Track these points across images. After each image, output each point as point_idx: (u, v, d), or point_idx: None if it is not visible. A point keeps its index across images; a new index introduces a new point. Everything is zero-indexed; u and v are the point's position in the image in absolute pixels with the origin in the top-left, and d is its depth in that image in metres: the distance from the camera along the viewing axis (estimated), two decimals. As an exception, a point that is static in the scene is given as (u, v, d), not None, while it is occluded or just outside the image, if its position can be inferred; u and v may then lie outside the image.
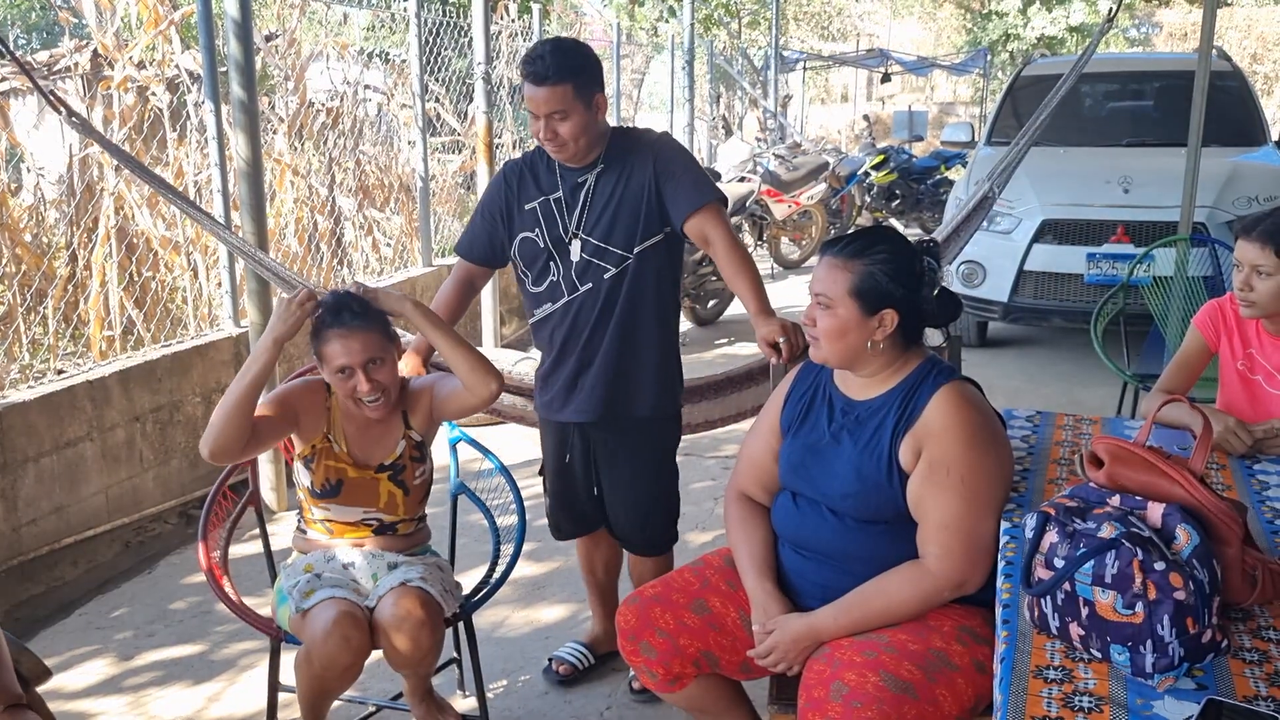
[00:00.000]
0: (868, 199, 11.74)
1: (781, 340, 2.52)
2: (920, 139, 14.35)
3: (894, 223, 11.85)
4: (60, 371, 4.03)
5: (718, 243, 2.65)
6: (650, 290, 2.73)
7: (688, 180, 2.66)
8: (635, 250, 2.68)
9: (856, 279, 2.00)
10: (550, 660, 3.04)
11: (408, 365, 2.63)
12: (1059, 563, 1.55)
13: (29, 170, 5.12)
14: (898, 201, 11.63)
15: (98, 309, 4.53)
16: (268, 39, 5.96)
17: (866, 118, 15.46)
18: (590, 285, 2.69)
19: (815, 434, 2.12)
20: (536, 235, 2.71)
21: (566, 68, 2.52)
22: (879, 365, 2.06)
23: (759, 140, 11.44)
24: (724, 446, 4.70)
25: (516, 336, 7.20)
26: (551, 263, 2.72)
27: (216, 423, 2.31)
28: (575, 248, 2.69)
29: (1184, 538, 1.50)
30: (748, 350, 6.44)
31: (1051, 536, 1.58)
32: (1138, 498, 1.62)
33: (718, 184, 3.08)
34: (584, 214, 2.68)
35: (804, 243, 9.93)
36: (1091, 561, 1.49)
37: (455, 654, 2.87)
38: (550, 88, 2.51)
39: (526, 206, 2.72)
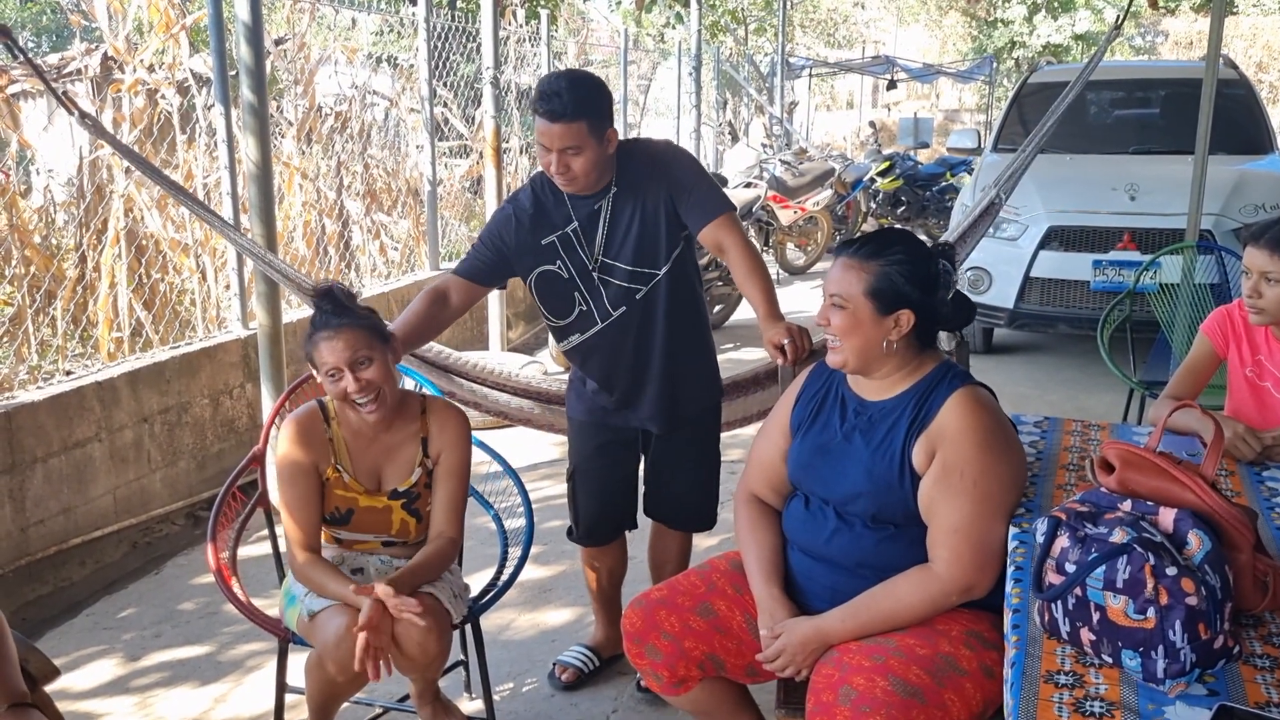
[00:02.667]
0: (873, 205, 11.74)
1: (786, 342, 2.52)
2: (926, 146, 14.35)
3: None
4: (69, 373, 4.04)
5: (733, 249, 2.65)
6: (684, 296, 2.75)
7: (701, 192, 2.67)
8: (663, 267, 2.68)
9: (873, 279, 2.00)
10: (554, 665, 3.04)
11: None
12: (1070, 567, 1.55)
13: (39, 172, 5.14)
14: (903, 208, 11.63)
15: (106, 310, 4.54)
16: (277, 43, 5.98)
17: (872, 124, 15.47)
18: (624, 309, 2.69)
19: (826, 434, 2.13)
20: (559, 268, 2.68)
21: (583, 104, 2.49)
22: (893, 366, 2.06)
23: (765, 146, 11.44)
24: (730, 451, 4.67)
25: (523, 340, 7.22)
26: (577, 293, 2.70)
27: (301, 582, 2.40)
28: (600, 273, 2.68)
29: (1196, 543, 1.50)
30: (754, 355, 6.44)
31: (1063, 541, 1.58)
32: (1149, 503, 1.62)
33: (724, 190, 3.10)
34: (605, 240, 2.66)
35: (809, 248, 9.93)
36: (1103, 566, 1.49)
37: (462, 656, 2.87)
38: (565, 125, 2.48)
39: (544, 241, 2.68)
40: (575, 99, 2.48)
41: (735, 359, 6.50)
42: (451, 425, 2.49)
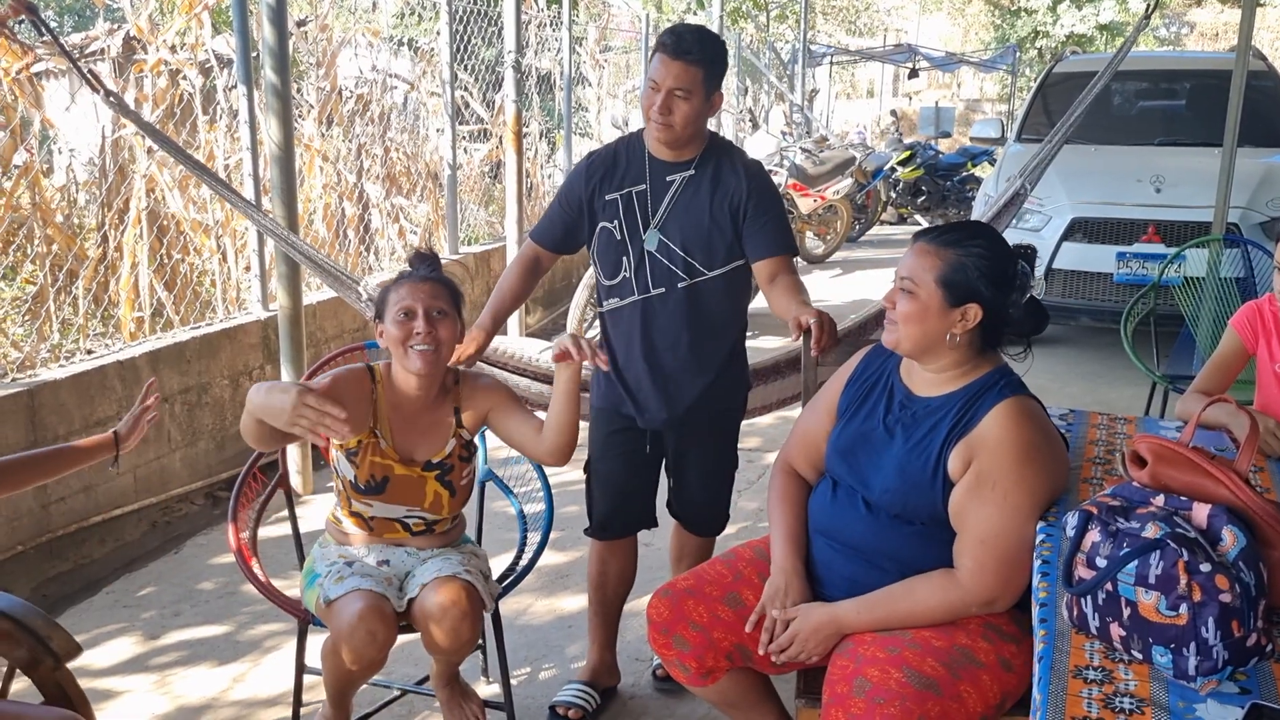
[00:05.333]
0: (893, 195, 11.69)
1: (813, 321, 2.45)
2: (947, 135, 14.27)
3: (919, 219, 11.79)
4: (90, 352, 4.05)
5: (784, 280, 2.63)
6: (725, 307, 2.72)
7: (776, 224, 2.66)
8: (715, 271, 2.66)
9: (947, 267, 1.96)
10: (554, 707, 2.84)
11: (468, 341, 2.60)
12: (1101, 562, 1.53)
13: (60, 151, 5.15)
14: (923, 198, 11.57)
15: (128, 290, 4.56)
16: (299, 24, 5.98)
17: (894, 113, 15.39)
18: (663, 290, 2.66)
19: (870, 422, 2.10)
20: (615, 227, 2.67)
21: (707, 52, 2.54)
22: (949, 362, 2.01)
23: (785, 134, 11.38)
24: (745, 439, 4.66)
25: (540, 326, 7.22)
26: (625, 257, 2.68)
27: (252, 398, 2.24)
28: (650, 243, 2.65)
29: (1230, 539, 1.48)
30: (773, 343, 6.42)
31: (1094, 535, 1.56)
32: (1182, 498, 1.60)
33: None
34: (667, 212, 2.64)
35: (829, 237, 9.88)
36: (1135, 562, 1.47)
37: (479, 641, 2.87)
38: (686, 64, 2.51)
39: (608, 197, 2.68)
40: (701, 43, 2.54)
41: (754, 347, 6.47)
42: (481, 386, 2.50)
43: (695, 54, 2.51)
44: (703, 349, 2.71)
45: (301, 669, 2.54)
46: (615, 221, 2.67)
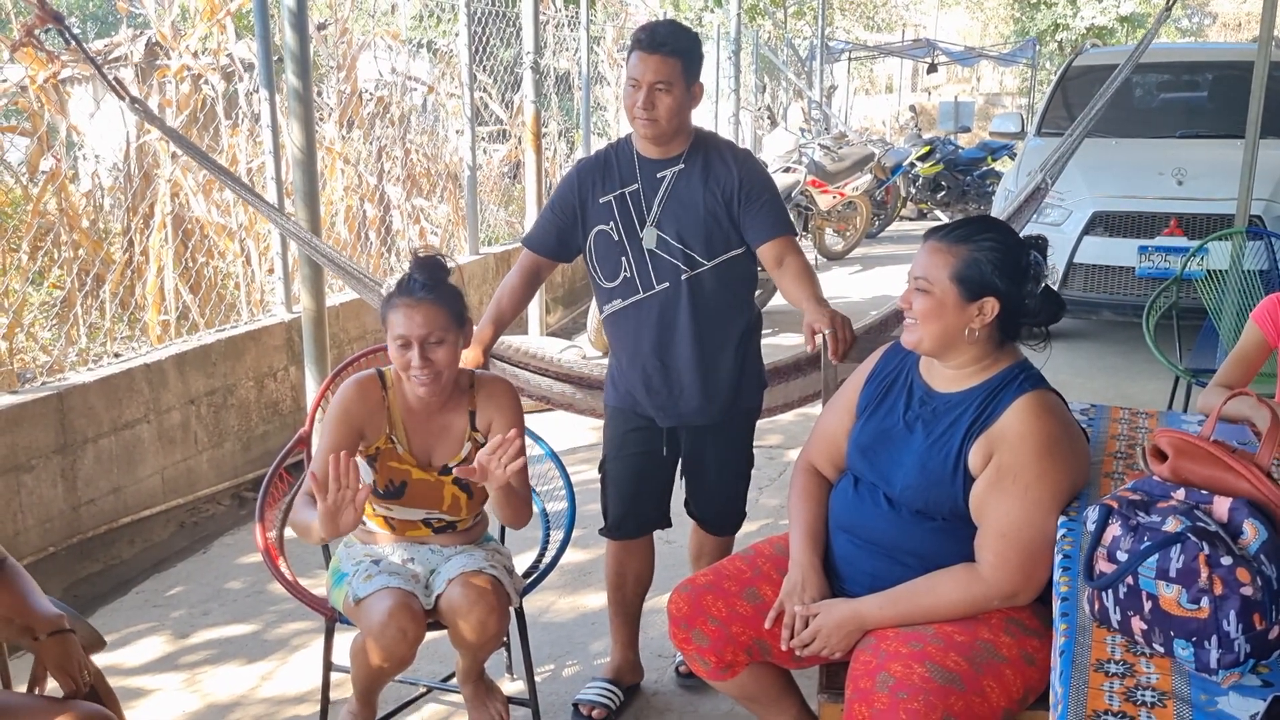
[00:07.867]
0: (913, 190, 11.65)
1: (827, 332, 2.47)
2: (966, 130, 14.22)
3: (939, 214, 11.75)
4: (117, 355, 4.10)
5: (792, 266, 2.65)
6: (732, 293, 2.72)
7: (771, 208, 2.68)
8: (715, 261, 2.67)
9: (960, 264, 1.96)
10: (577, 705, 2.85)
11: (468, 356, 2.59)
12: (1122, 556, 1.53)
13: (85, 158, 5.21)
14: (943, 193, 11.53)
15: (154, 294, 4.61)
16: (319, 28, 6.02)
17: (913, 108, 15.33)
18: (667, 284, 2.68)
19: (890, 419, 2.11)
20: (611, 228, 2.69)
21: (682, 42, 2.58)
22: (969, 358, 2.02)
23: (803, 131, 11.36)
24: (766, 436, 4.69)
25: (561, 325, 7.24)
26: (624, 257, 2.69)
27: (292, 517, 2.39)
28: (649, 240, 2.66)
29: (1251, 533, 1.48)
30: (793, 341, 6.42)
31: (1114, 529, 1.57)
32: (1203, 492, 1.60)
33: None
34: (661, 208, 2.66)
35: (848, 234, 9.87)
36: (1156, 555, 1.48)
37: (505, 637, 2.89)
38: (663, 57, 2.54)
39: (601, 200, 2.70)
40: (676, 35, 2.59)
41: (773, 345, 6.48)
42: (498, 394, 2.49)
43: (671, 46, 2.55)
44: (710, 338, 2.72)
45: (329, 667, 2.57)
46: (611, 223, 2.69)
